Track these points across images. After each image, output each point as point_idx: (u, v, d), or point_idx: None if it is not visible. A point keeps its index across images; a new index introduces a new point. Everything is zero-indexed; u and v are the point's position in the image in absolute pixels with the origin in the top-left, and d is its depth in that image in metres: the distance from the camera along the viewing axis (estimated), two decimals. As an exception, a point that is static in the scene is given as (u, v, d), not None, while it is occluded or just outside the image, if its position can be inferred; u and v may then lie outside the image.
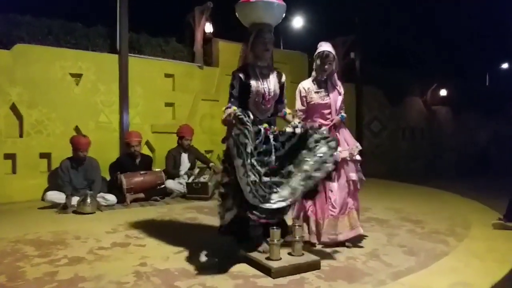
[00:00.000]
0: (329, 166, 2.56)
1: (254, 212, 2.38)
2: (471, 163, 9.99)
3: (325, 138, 2.65)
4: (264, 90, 2.73)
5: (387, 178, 6.02)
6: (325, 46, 3.14)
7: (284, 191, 2.49)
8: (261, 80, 2.75)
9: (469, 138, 10.94)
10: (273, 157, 2.62)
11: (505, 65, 12.90)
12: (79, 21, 5.94)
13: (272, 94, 2.77)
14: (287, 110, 2.94)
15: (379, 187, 6.19)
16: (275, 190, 2.48)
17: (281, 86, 2.87)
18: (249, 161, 2.39)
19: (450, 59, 11.67)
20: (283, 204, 2.44)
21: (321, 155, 2.57)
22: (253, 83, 2.72)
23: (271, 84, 2.78)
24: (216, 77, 6.78)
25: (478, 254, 2.90)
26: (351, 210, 3.06)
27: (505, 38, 5.07)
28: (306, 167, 2.56)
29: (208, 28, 6.78)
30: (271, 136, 2.68)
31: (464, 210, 4.57)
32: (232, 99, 2.72)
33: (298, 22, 8.26)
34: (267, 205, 2.39)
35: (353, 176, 3.04)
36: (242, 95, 2.72)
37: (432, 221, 3.94)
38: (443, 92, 10.56)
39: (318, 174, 2.53)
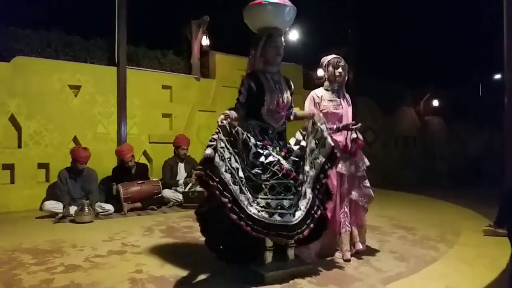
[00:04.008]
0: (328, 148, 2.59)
1: (270, 232, 2.35)
2: (463, 172, 10.09)
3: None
4: (278, 98, 2.65)
5: (380, 187, 6.11)
6: (333, 55, 3.12)
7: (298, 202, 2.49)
8: (274, 88, 2.66)
9: (461, 147, 11.06)
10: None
11: (498, 76, 13.09)
12: (78, 34, 6.04)
13: (285, 101, 2.70)
14: (296, 110, 2.88)
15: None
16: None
17: (291, 93, 2.82)
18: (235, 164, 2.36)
19: (443, 70, 11.88)
20: (300, 214, 2.44)
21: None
22: (267, 91, 2.62)
23: (284, 91, 2.71)
24: (212, 88, 6.90)
25: (468, 260, 2.95)
26: (353, 227, 3.01)
27: (497, 48, 5.19)
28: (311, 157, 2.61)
29: (205, 41, 6.91)
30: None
31: (455, 217, 4.64)
32: (237, 105, 2.64)
33: (293, 35, 8.42)
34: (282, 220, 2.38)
35: (353, 195, 2.98)
36: (255, 103, 2.62)
37: (423, 228, 4.01)
38: (435, 103, 10.71)
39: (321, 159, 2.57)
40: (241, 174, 2.39)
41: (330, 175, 2.94)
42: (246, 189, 2.38)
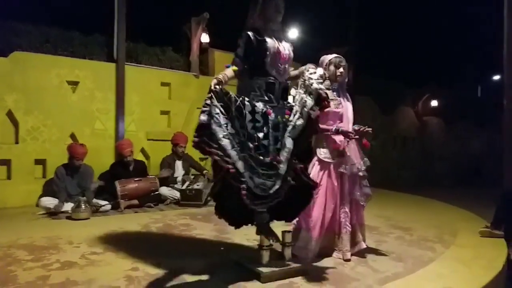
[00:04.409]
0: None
1: (256, 202, 2.32)
2: (462, 172, 10.12)
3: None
4: (279, 49, 2.57)
5: (378, 186, 6.12)
6: (334, 54, 3.12)
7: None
8: (275, 39, 2.57)
9: (460, 148, 11.09)
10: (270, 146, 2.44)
11: (496, 77, 13.12)
12: (77, 30, 6.02)
13: (287, 53, 2.61)
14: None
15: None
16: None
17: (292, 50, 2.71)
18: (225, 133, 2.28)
19: (442, 70, 11.89)
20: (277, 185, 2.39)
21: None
22: (268, 40, 2.53)
23: (284, 43, 2.63)
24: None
25: (465, 260, 2.96)
26: (354, 226, 3.00)
27: (496, 49, 5.22)
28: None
29: (204, 38, 6.89)
30: (272, 131, 2.48)
31: (453, 218, 4.65)
32: (236, 58, 2.55)
33: (293, 33, 8.40)
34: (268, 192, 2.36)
35: (355, 194, 2.98)
36: (257, 56, 2.52)
37: (420, 229, 4.01)
38: (434, 103, 10.72)
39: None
40: (237, 140, 2.34)
41: (332, 175, 2.94)
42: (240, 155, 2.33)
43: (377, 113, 9.60)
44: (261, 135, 2.43)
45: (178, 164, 5.63)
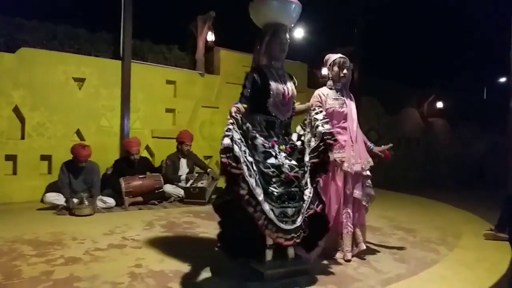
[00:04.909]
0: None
1: (280, 235, 2.34)
2: (466, 174, 10.07)
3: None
4: (284, 90, 2.65)
5: (382, 187, 6.12)
6: (339, 54, 3.12)
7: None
8: (279, 80, 2.67)
9: (465, 150, 11.02)
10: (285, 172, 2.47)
11: (503, 79, 13.03)
12: (84, 27, 6.05)
13: (290, 94, 2.70)
14: (295, 105, 2.87)
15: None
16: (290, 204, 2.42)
17: (295, 87, 2.81)
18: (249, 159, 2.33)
19: (448, 72, 11.83)
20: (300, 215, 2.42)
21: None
22: (272, 83, 2.61)
23: (288, 84, 2.72)
24: (216, 84, 6.89)
25: (468, 263, 2.95)
26: (355, 227, 2.99)
27: (503, 51, 5.21)
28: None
29: (210, 36, 6.90)
30: (280, 152, 2.55)
31: (456, 220, 4.64)
32: (242, 99, 2.58)
33: (299, 33, 8.39)
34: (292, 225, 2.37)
35: (357, 193, 2.97)
36: (260, 96, 2.60)
37: (424, 230, 4.00)
38: (439, 104, 10.67)
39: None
40: (255, 167, 2.38)
41: (336, 175, 2.94)
42: (260, 183, 2.36)
43: (382, 113, 9.57)
44: (273, 160, 2.47)
45: (183, 162, 5.65)
